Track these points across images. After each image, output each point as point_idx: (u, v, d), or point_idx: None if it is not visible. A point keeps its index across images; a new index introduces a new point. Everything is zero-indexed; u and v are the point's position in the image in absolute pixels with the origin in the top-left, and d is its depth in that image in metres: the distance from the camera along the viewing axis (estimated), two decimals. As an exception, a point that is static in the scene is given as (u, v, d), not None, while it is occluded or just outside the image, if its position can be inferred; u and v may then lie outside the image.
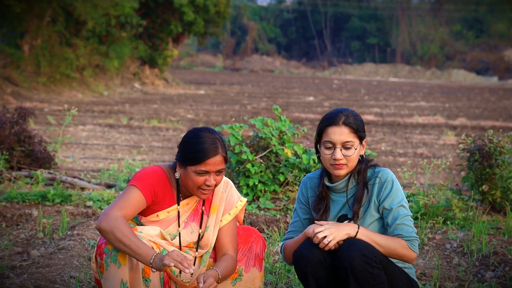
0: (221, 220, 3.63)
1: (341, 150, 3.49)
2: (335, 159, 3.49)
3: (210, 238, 3.59)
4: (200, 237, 3.59)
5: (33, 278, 4.35)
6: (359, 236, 3.42)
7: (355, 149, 3.50)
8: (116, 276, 3.30)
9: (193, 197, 3.59)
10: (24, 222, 5.72)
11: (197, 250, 3.59)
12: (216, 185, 3.51)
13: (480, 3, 62.70)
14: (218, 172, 3.48)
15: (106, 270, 3.32)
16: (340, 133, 3.49)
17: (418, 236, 3.50)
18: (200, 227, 3.59)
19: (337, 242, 3.43)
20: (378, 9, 66.55)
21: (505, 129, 16.30)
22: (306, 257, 3.43)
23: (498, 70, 53.59)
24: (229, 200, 3.66)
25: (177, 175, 3.51)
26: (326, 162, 3.54)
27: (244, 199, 3.71)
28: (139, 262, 3.34)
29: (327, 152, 3.51)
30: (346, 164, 3.50)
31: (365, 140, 3.57)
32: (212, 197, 3.64)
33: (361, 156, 3.57)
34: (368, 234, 3.44)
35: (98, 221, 3.32)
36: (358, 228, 3.44)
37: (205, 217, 3.61)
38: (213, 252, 3.66)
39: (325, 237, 3.40)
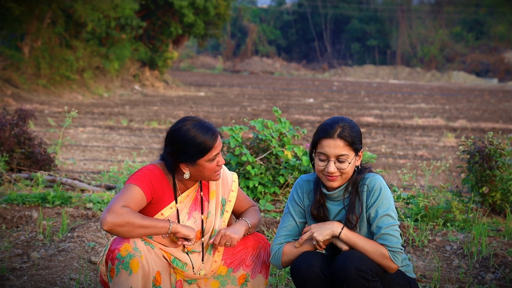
0: (229, 201, 3.70)
1: (335, 163, 3.42)
2: (328, 172, 3.44)
3: (212, 223, 3.63)
4: (203, 224, 3.62)
5: (33, 280, 4.35)
6: (342, 236, 3.42)
7: (349, 162, 3.42)
8: (126, 283, 3.31)
9: (192, 188, 3.62)
10: (24, 224, 5.72)
11: (203, 237, 3.61)
12: None
13: (480, 5, 62.76)
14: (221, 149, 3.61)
15: (116, 276, 3.33)
16: (334, 146, 3.41)
17: (402, 248, 3.43)
18: (202, 213, 3.62)
19: (333, 242, 3.46)
20: (378, 11, 66.59)
21: (505, 131, 16.33)
22: (305, 272, 3.41)
23: (498, 72, 53.64)
24: (225, 181, 3.72)
25: (186, 175, 3.53)
26: (319, 173, 3.48)
27: (235, 174, 3.80)
28: (151, 271, 3.38)
29: (321, 164, 3.45)
30: (340, 176, 3.45)
31: (361, 151, 3.49)
32: (208, 183, 3.68)
33: (357, 166, 3.50)
34: (351, 235, 3.42)
35: (104, 220, 3.28)
36: (342, 228, 3.43)
37: (205, 203, 3.65)
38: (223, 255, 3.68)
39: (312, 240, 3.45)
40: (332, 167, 3.42)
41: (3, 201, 6.13)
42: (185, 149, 3.46)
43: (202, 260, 3.59)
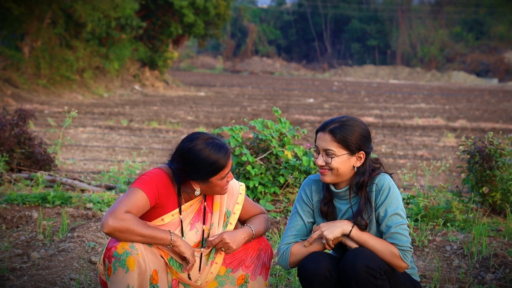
0: (234, 213, 3.67)
1: (323, 156, 3.47)
2: (316, 164, 3.50)
3: (214, 234, 3.61)
4: (204, 234, 3.61)
5: (33, 280, 4.35)
6: (352, 234, 3.42)
7: (331, 157, 3.43)
8: (123, 281, 3.32)
9: (196, 199, 3.61)
10: (24, 224, 5.71)
11: (202, 247, 3.60)
12: None
13: (480, 5, 62.77)
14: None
15: (114, 274, 3.34)
16: (323, 139, 3.47)
17: (412, 247, 3.44)
18: (204, 224, 3.61)
19: (342, 242, 3.46)
20: (378, 11, 66.59)
21: (505, 131, 16.34)
22: (313, 272, 3.41)
23: (498, 72, 53.64)
24: (231, 192, 3.70)
25: (197, 193, 3.54)
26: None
27: (242, 185, 3.76)
28: (147, 269, 3.38)
29: (315, 155, 3.52)
30: (330, 171, 3.47)
31: (362, 152, 3.47)
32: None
33: (358, 168, 3.49)
34: (361, 234, 3.43)
35: (106, 223, 3.31)
36: (352, 227, 3.44)
37: (208, 214, 3.63)
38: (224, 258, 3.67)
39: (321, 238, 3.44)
40: (320, 160, 3.47)
41: (3, 201, 6.13)
42: (198, 169, 3.46)
43: (199, 270, 3.59)
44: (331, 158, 3.44)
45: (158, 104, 24.56)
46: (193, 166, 3.46)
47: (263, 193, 6.16)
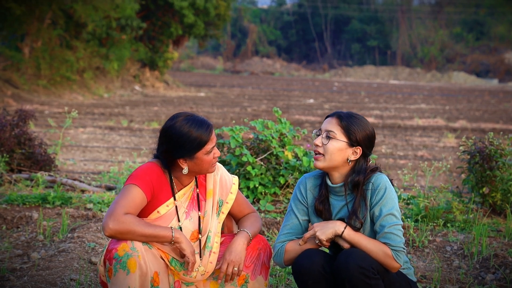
0: (227, 202, 3.70)
1: (322, 138, 3.50)
2: (314, 143, 3.51)
3: (208, 222, 3.63)
4: (200, 222, 3.62)
5: (34, 280, 4.35)
6: (345, 235, 3.42)
7: (329, 139, 3.47)
8: (124, 283, 3.33)
9: (188, 186, 3.63)
10: (25, 224, 5.71)
11: (200, 233, 3.61)
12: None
13: (480, 6, 62.79)
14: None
15: (114, 276, 3.34)
16: (328, 122, 3.52)
17: (405, 248, 3.44)
18: (199, 210, 3.62)
19: (335, 241, 3.46)
20: (379, 11, 66.60)
21: (505, 132, 16.33)
22: (307, 269, 3.42)
23: (498, 73, 53.66)
24: (224, 183, 3.72)
25: (184, 171, 3.54)
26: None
27: (235, 177, 3.79)
28: (148, 271, 3.39)
29: (316, 138, 3.57)
30: (323, 155, 3.48)
31: (359, 148, 3.48)
32: (206, 182, 3.69)
33: (354, 165, 3.50)
34: (353, 235, 3.43)
35: (107, 226, 3.32)
36: (345, 228, 3.44)
37: (202, 202, 3.65)
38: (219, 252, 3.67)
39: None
40: (318, 140, 3.51)
41: (3, 201, 6.13)
42: (181, 144, 3.49)
43: (200, 257, 3.60)
44: (329, 138, 3.48)
45: (158, 104, 24.57)
46: (177, 143, 3.50)
47: (263, 193, 6.17)
